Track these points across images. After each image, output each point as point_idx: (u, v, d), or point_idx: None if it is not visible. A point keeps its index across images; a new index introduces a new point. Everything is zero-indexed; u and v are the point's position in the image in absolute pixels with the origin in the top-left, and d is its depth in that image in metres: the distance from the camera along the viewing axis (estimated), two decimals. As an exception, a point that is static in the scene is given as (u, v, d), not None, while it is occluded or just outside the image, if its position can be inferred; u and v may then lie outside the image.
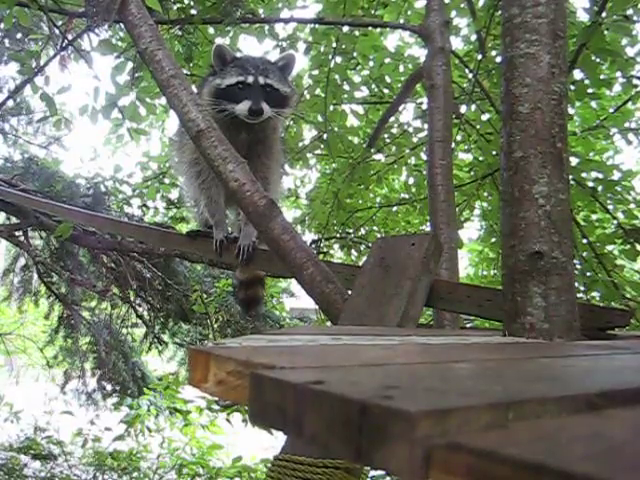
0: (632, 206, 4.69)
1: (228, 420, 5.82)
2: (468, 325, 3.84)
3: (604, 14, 3.77)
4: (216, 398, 4.49)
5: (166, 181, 6.25)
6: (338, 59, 5.53)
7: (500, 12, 3.12)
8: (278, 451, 1.66)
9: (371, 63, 5.82)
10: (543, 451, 0.47)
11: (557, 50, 1.64)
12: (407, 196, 6.04)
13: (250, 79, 2.90)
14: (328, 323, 2.89)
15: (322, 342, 1.20)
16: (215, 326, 6.28)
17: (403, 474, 0.54)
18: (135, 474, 6.10)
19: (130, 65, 4.66)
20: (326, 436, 0.59)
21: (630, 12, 4.52)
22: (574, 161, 4.34)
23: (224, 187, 2.67)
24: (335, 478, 1.52)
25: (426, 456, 0.52)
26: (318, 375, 0.67)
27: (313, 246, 5.50)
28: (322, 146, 5.86)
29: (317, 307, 2.92)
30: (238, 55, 3.10)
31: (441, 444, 0.51)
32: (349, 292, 2.43)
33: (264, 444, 4.88)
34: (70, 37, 4.56)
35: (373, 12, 5.64)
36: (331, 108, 5.62)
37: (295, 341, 1.12)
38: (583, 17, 4.46)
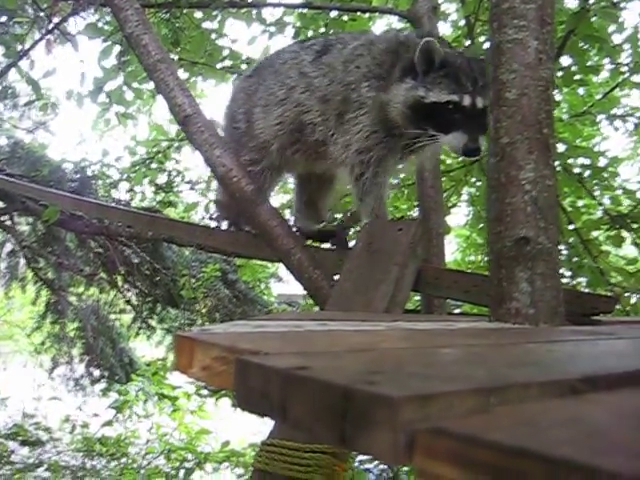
0: (618, 192, 4.72)
1: (216, 405, 5.84)
2: (456, 311, 3.86)
3: (591, 0, 3.78)
4: (203, 384, 4.51)
5: (153, 166, 6.22)
6: (326, 44, 5.49)
7: (489, -3, 3.10)
8: (266, 436, 1.67)
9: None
10: (524, 435, 0.47)
11: (545, 36, 1.64)
12: (395, 181, 6.03)
13: (467, 101, 2.24)
14: (316, 308, 2.90)
15: (308, 328, 1.20)
16: (203, 311, 6.28)
17: (386, 459, 0.54)
18: (124, 460, 6.11)
19: (117, 49, 4.62)
20: (310, 421, 0.59)
21: (617, -1, 4.52)
22: (561, 147, 4.35)
23: (212, 172, 2.67)
24: (322, 462, 1.53)
25: (409, 441, 0.52)
26: (303, 361, 0.67)
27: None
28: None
29: (305, 292, 2.93)
30: (449, 57, 2.32)
31: (424, 429, 0.51)
32: (337, 277, 2.44)
33: (253, 429, 4.90)
34: (56, 20, 4.52)
35: (361, -4, 5.61)
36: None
37: (281, 327, 1.13)
38: (571, 3, 4.46)
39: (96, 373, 6.77)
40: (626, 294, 4.32)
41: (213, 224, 3.30)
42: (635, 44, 4.87)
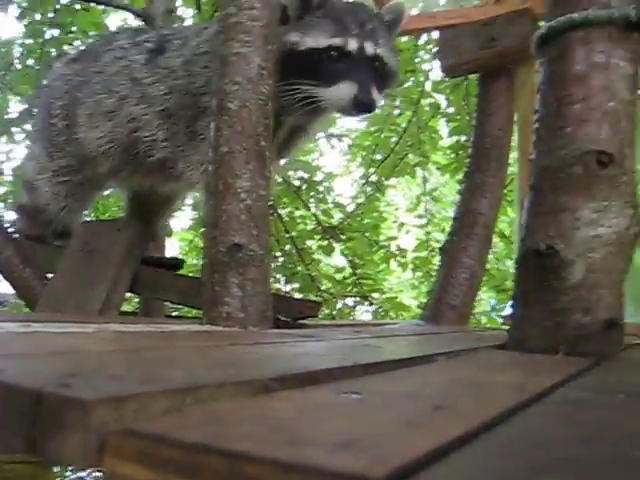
0: (331, 205, 5.10)
1: None
2: (174, 313, 3.86)
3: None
4: None
5: None
6: (55, 31, 5.21)
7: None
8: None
9: (90, 40, 5.57)
10: (212, 433, 0.50)
11: (267, 54, 1.72)
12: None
13: (353, 44, 1.89)
14: (27, 310, 2.72)
15: (9, 329, 1.13)
16: None
17: (76, 462, 0.53)
18: None
19: None
20: (-3, 429, 0.56)
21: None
22: (282, 160, 4.59)
23: None
24: (26, 472, 1.45)
25: (100, 443, 0.52)
26: (-5, 364, 0.64)
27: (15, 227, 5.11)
28: (30, 121, 5.48)
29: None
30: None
31: (115, 430, 0.51)
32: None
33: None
34: None
35: (98, -13, 5.41)
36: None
37: (-24, 328, 1.05)
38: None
39: None
40: (333, 299, 4.66)
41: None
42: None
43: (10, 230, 2.62)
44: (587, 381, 0.94)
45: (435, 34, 3.18)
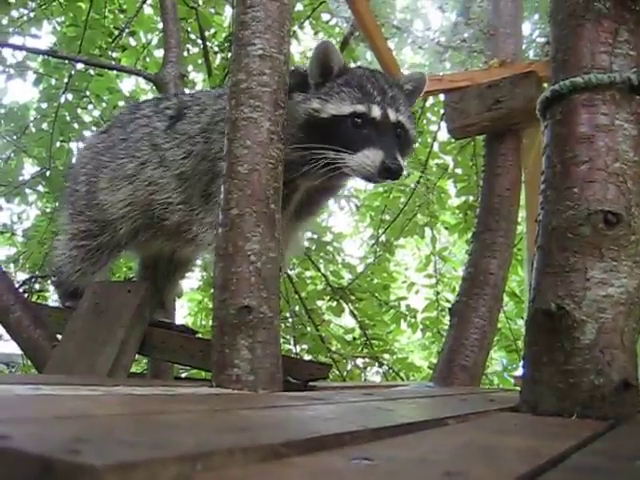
0: (340, 266, 5.10)
1: None
2: (183, 375, 3.84)
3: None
4: None
5: None
6: (69, 96, 5.35)
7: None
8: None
9: (104, 104, 5.71)
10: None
11: (277, 118, 1.76)
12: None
13: (376, 111, 1.89)
14: (35, 371, 2.71)
15: (18, 392, 1.13)
16: None
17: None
18: None
19: None
20: (5, 496, 0.56)
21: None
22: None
23: None
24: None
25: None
26: (4, 429, 0.63)
27: (26, 286, 5.14)
28: (44, 183, 5.57)
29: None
30: (349, 67, 2.05)
31: (124, 498, 0.51)
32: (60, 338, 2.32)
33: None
34: None
35: (111, 53, 5.57)
36: (57, 145, 5.39)
37: (-14, 392, 1.04)
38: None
39: None
40: (343, 360, 4.62)
41: None
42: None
43: (20, 290, 2.63)
44: (603, 446, 0.92)
45: (442, 96, 3.23)
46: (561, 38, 1.50)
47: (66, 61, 5.07)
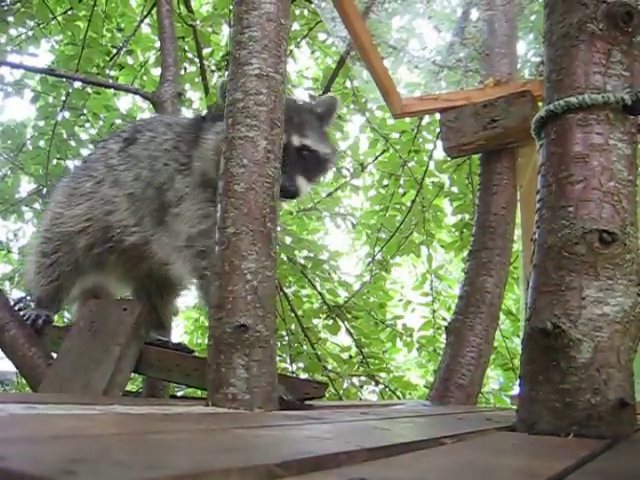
0: (336, 284, 5.09)
1: None
2: (179, 393, 3.81)
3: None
4: None
5: None
6: (67, 114, 5.37)
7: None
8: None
9: (101, 122, 5.73)
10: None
11: (274, 137, 1.77)
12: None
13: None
14: (29, 389, 2.69)
15: (12, 411, 1.12)
16: None
17: None
18: None
19: None
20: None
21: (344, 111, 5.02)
22: (288, 239, 4.63)
23: None
24: None
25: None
26: (-2, 449, 0.63)
27: (21, 304, 5.12)
28: (40, 200, 5.57)
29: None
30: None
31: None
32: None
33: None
34: None
35: (108, 72, 5.59)
36: (54, 162, 5.41)
37: (-21, 411, 1.04)
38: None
39: None
40: (340, 379, 4.60)
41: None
42: (355, 152, 5.41)
43: (15, 308, 2.62)
44: (600, 466, 0.92)
45: (438, 115, 3.25)
46: (555, 58, 1.52)
47: (64, 79, 5.09)
